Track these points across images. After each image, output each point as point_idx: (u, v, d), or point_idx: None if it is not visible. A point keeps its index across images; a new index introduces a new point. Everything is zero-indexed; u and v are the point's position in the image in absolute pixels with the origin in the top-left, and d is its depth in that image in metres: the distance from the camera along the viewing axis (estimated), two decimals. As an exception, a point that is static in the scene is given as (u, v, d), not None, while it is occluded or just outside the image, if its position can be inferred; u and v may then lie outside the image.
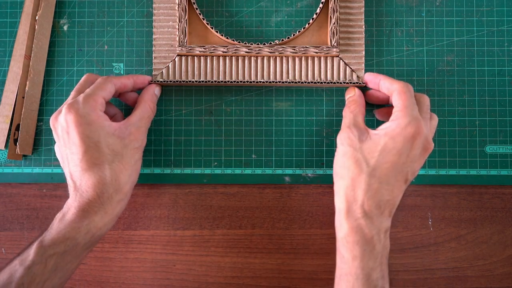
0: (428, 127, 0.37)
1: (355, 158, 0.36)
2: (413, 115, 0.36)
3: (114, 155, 0.36)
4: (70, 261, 0.35)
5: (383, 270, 0.35)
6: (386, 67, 0.45)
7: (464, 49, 0.45)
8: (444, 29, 0.45)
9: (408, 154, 0.35)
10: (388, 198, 0.35)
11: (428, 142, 0.36)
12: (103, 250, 0.45)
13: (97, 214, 0.35)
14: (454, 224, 0.45)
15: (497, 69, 0.44)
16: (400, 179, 0.35)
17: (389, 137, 0.35)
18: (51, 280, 0.34)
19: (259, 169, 0.45)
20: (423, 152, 0.36)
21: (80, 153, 0.35)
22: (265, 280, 0.45)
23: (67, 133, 0.36)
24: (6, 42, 0.45)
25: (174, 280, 0.45)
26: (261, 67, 0.43)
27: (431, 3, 0.45)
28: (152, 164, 0.45)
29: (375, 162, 0.35)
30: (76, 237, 0.35)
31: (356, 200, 0.35)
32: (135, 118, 0.39)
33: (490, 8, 0.45)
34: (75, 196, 0.36)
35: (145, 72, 0.45)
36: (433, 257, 0.44)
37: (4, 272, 0.33)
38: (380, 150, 0.35)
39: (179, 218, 0.45)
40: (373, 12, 0.45)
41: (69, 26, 0.45)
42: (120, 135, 0.37)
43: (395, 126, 0.35)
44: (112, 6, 0.45)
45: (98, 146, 0.36)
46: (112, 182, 0.36)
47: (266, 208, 0.45)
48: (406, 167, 0.35)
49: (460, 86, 0.45)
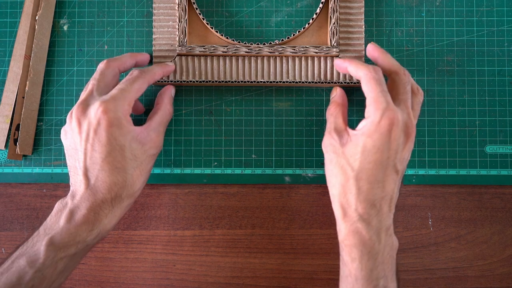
0: (407, 110, 0.35)
1: (339, 165, 0.36)
2: (384, 107, 0.34)
3: (135, 160, 0.36)
4: (77, 262, 0.36)
5: (385, 269, 0.34)
6: (386, 67, 0.45)
7: (464, 49, 0.45)
8: (444, 29, 0.45)
9: (389, 148, 0.34)
10: (382, 195, 0.35)
11: (408, 127, 0.35)
12: (103, 250, 0.45)
13: (107, 216, 0.35)
14: (454, 224, 0.45)
15: (497, 69, 0.44)
16: (389, 173, 0.35)
17: (366, 136, 0.34)
18: (58, 280, 0.34)
19: (259, 169, 0.45)
20: (406, 139, 0.35)
21: (104, 153, 0.34)
22: (265, 280, 0.44)
23: (95, 131, 0.34)
24: (6, 42, 0.45)
25: (174, 280, 0.45)
26: (261, 67, 0.43)
27: (431, 3, 0.45)
28: (152, 164, 0.45)
29: (359, 165, 0.34)
30: (86, 240, 0.34)
31: (350, 205, 0.35)
32: (155, 123, 0.39)
33: (490, 8, 0.45)
34: (87, 194, 0.34)
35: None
36: (433, 257, 0.44)
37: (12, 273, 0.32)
38: (361, 151, 0.34)
39: (179, 218, 0.45)
40: (373, 12, 0.45)
41: (69, 26, 0.45)
42: (142, 141, 0.37)
43: (370, 124, 0.34)
44: (112, 6, 0.45)
45: (123, 150, 0.35)
46: (128, 187, 0.35)
47: (266, 208, 0.45)
48: (391, 160, 0.34)
49: (460, 86, 0.45)
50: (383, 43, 0.45)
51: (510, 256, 0.44)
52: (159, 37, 0.43)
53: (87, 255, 0.44)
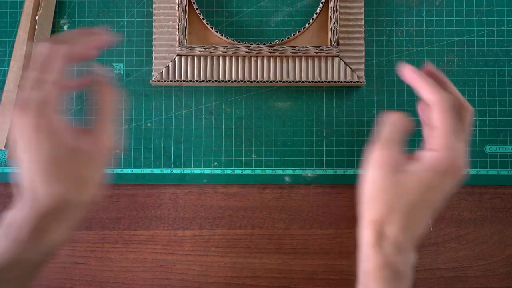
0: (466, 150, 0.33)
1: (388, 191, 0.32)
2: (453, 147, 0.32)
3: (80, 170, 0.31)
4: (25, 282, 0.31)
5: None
6: (386, 67, 0.45)
7: (464, 49, 0.45)
8: (444, 29, 0.45)
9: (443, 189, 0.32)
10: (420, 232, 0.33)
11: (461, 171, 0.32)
12: (103, 250, 0.45)
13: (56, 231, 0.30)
14: (454, 224, 0.45)
15: (497, 69, 0.44)
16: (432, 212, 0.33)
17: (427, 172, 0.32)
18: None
19: (259, 169, 0.45)
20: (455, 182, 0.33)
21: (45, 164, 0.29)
22: (265, 280, 0.44)
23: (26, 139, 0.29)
24: (6, 42, 0.45)
25: (174, 280, 0.45)
26: (261, 67, 0.43)
27: (431, 3, 0.45)
28: (152, 164, 0.45)
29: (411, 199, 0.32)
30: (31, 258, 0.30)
31: (388, 236, 0.32)
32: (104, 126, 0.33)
33: (490, 8, 0.45)
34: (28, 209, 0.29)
35: (145, 72, 0.45)
36: (433, 257, 0.44)
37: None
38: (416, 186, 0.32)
39: (179, 218, 0.45)
40: (373, 12, 0.45)
41: (69, 26, 0.45)
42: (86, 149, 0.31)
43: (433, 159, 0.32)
44: (112, 6, 0.45)
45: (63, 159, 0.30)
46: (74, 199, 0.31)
47: (266, 208, 0.45)
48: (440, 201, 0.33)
49: (460, 86, 0.45)
50: (383, 43, 0.45)
51: (510, 256, 0.44)
52: (159, 37, 0.43)
53: (87, 255, 0.45)
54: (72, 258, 0.45)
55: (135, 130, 0.45)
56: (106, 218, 0.45)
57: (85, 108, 0.45)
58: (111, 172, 0.44)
